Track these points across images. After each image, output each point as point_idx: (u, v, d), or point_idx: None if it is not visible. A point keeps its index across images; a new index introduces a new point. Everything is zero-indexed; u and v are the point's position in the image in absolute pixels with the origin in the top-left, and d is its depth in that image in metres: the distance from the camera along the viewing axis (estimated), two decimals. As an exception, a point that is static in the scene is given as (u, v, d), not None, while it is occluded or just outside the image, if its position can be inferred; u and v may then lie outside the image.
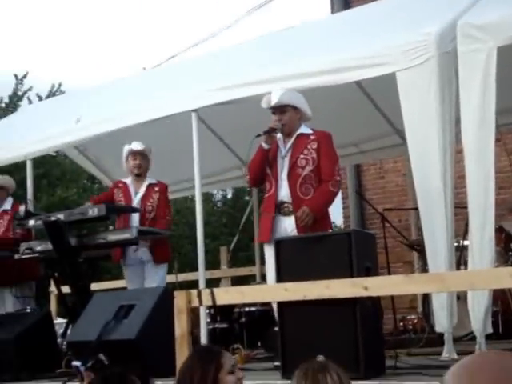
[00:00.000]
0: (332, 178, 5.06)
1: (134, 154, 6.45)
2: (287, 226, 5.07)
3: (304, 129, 5.21)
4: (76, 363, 4.26)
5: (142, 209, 6.34)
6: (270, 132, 5.12)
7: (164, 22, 39.14)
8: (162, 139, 7.06)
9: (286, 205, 5.08)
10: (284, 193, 5.09)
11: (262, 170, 5.20)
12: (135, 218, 6.34)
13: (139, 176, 6.48)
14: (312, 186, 5.04)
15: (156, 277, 6.25)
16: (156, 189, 6.46)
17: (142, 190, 6.45)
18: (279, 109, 5.14)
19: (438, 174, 4.71)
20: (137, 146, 6.42)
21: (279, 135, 5.21)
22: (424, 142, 4.80)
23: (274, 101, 5.12)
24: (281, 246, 4.50)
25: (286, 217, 5.09)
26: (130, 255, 6.33)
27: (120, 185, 6.58)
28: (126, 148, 6.46)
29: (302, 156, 5.08)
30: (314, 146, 5.10)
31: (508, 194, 7.33)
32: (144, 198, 6.41)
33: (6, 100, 17.63)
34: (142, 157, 6.44)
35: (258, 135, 5.17)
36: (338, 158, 5.23)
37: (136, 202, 6.41)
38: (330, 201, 5.15)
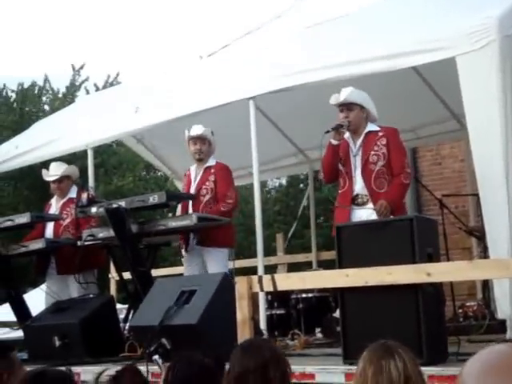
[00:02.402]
0: (403, 170, 5.33)
1: (193, 139, 6.44)
2: (362, 216, 5.28)
3: (371, 126, 5.46)
4: (155, 357, 4.36)
5: (196, 193, 6.33)
6: (338, 128, 5.36)
7: (218, 10, 39.22)
8: (217, 127, 7.11)
9: (360, 196, 5.35)
10: (359, 187, 5.36)
11: (335, 165, 5.45)
12: (191, 204, 6.38)
13: (201, 161, 6.47)
14: (386, 180, 5.31)
15: (214, 262, 6.26)
16: (212, 171, 6.39)
17: (200, 173, 6.44)
18: (346, 106, 5.42)
19: (499, 159, 4.64)
20: (195, 130, 6.39)
21: (347, 134, 5.46)
22: (485, 126, 4.73)
23: (342, 98, 5.39)
24: (342, 232, 4.52)
25: (360, 207, 5.33)
26: (190, 242, 6.39)
27: (187, 172, 6.65)
28: (186, 134, 6.47)
29: (373, 152, 5.35)
30: (384, 142, 5.37)
31: None
32: (199, 182, 6.40)
33: (64, 91, 17.92)
34: (201, 141, 6.40)
35: (327, 131, 5.39)
36: (406, 151, 5.50)
37: (193, 187, 6.43)
38: (404, 193, 5.45)
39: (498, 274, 3.99)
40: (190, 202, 6.39)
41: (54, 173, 7.08)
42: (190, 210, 6.32)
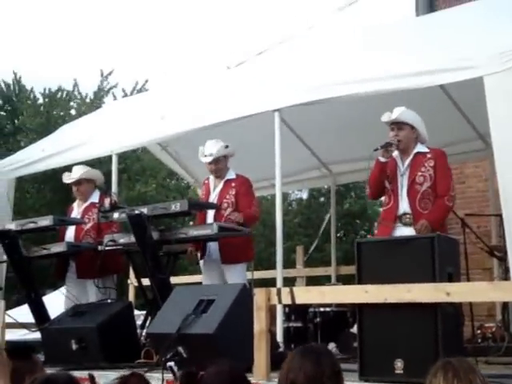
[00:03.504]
0: (447, 193, 5.38)
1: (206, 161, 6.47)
2: (405, 234, 5.28)
3: (420, 147, 5.52)
4: (170, 363, 4.35)
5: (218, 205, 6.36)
6: (387, 146, 5.44)
7: (248, 20, 39.43)
8: (242, 137, 7.14)
9: (407, 216, 5.40)
10: (405, 206, 5.41)
11: (381, 182, 5.54)
12: (210, 214, 6.40)
13: (219, 177, 6.52)
14: (430, 201, 5.37)
15: (234, 276, 6.27)
16: (233, 184, 6.43)
17: (220, 186, 6.48)
18: (397, 125, 5.49)
19: (524, 181, 4.63)
20: (207, 150, 6.39)
21: (396, 153, 5.52)
22: (510, 147, 4.72)
23: (394, 117, 5.45)
24: (362, 247, 4.51)
25: (406, 226, 5.37)
26: (209, 252, 6.41)
27: (206, 181, 6.69)
28: (200, 150, 6.48)
29: (420, 173, 5.41)
30: (431, 164, 5.42)
31: None
32: (220, 195, 6.43)
33: (91, 96, 18.07)
34: (215, 162, 6.44)
35: (376, 149, 5.47)
36: (451, 174, 5.52)
37: (212, 198, 6.46)
38: (446, 215, 5.49)
39: (519, 296, 3.96)
40: (209, 212, 6.41)
41: (73, 175, 7.13)
42: (210, 220, 6.34)
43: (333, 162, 8.52)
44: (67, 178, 7.17)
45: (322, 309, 6.70)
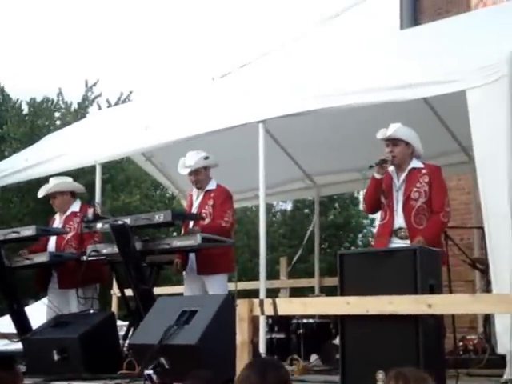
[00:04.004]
0: (443, 209, 5.45)
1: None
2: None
3: (415, 163, 5.58)
4: (148, 371, 4.34)
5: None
6: (381, 163, 5.51)
7: (232, 32, 39.52)
8: (227, 147, 7.14)
9: (403, 230, 5.46)
10: (400, 221, 5.47)
11: (377, 198, 5.60)
12: (191, 224, 6.40)
13: (200, 188, 6.54)
14: (425, 216, 5.43)
15: (215, 287, 6.28)
16: (212, 195, 6.43)
17: (200, 197, 6.51)
18: (392, 141, 5.55)
19: (505, 194, 4.66)
20: (187, 162, 6.41)
21: (392, 168, 5.59)
22: (492, 161, 4.76)
23: (389, 133, 5.52)
24: (345, 259, 4.52)
25: (402, 240, 5.43)
26: (191, 263, 6.41)
27: (190, 193, 6.72)
28: (180, 162, 6.50)
29: (415, 189, 5.47)
30: (426, 180, 5.48)
31: None
32: (200, 206, 6.46)
33: (75, 106, 18.03)
34: (195, 173, 6.45)
35: (371, 166, 5.54)
36: (447, 190, 5.59)
37: (193, 209, 6.49)
38: (441, 230, 5.52)
39: (499, 308, 3.99)
40: (190, 223, 6.42)
41: (43, 190, 7.09)
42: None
43: (317, 174, 8.55)
44: (41, 192, 7.14)
45: (305, 320, 6.71)
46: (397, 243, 5.42)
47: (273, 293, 8.26)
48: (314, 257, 8.86)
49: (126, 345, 6.01)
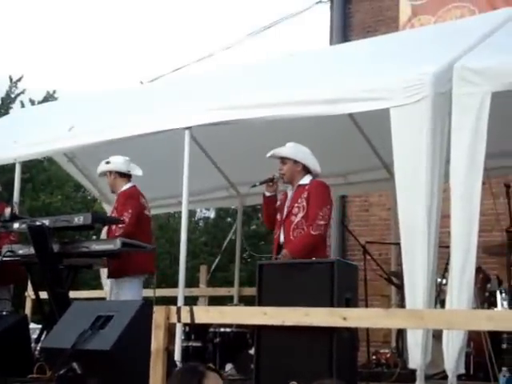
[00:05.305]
0: (314, 222, 5.50)
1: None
2: None
3: (304, 180, 5.71)
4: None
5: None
6: (266, 182, 5.81)
7: (164, 37, 39.28)
8: (151, 153, 7.10)
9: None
10: (282, 237, 5.63)
11: (270, 215, 5.82)
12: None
13: (114, 193, 6.57)
14: (303, 231, 5.53)
15: (128, 290, 6.22)
16: (119, 197, 6.44)
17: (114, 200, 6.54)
18: (281, 159, 5.76)
19: (423, 212, 4.75)
20: (99, 169, 6.52)
21: (290, 186, 5.75)
22: (412, 178, 4.85)
23: (272, 152, 5.77)
24: (264, 269, 4.54)
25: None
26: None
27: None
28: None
29: (296, 205, 5.61)
30: (305, 195, 5.59)
31: (489, 238, 7.40)
32: (113, 209, 6.47)
33: (-1, 101, 17.59)
34: (108, 176, 6.51)
35: (254, 185, 5.86)
36: (326, 204, 5.60)
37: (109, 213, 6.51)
38: (310, 243, 5.48)
39: (411, 323, 4.06)
40: (114, 227, 6.36)
41: None
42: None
43: (241, 183, 8.56)
44: None
45: (222, 329, 6.67)
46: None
47: (192, 301, 8.22)
48: (235, 266, 8.86)
49: (37, 348, 5.88)
